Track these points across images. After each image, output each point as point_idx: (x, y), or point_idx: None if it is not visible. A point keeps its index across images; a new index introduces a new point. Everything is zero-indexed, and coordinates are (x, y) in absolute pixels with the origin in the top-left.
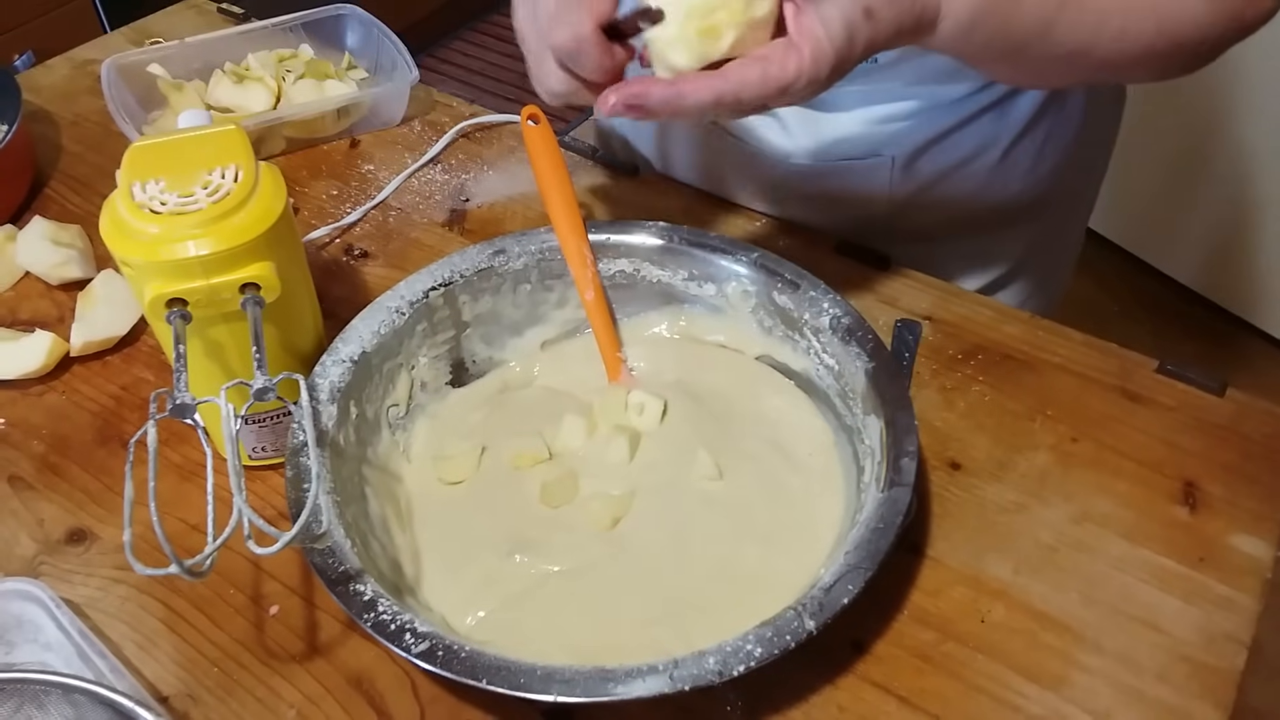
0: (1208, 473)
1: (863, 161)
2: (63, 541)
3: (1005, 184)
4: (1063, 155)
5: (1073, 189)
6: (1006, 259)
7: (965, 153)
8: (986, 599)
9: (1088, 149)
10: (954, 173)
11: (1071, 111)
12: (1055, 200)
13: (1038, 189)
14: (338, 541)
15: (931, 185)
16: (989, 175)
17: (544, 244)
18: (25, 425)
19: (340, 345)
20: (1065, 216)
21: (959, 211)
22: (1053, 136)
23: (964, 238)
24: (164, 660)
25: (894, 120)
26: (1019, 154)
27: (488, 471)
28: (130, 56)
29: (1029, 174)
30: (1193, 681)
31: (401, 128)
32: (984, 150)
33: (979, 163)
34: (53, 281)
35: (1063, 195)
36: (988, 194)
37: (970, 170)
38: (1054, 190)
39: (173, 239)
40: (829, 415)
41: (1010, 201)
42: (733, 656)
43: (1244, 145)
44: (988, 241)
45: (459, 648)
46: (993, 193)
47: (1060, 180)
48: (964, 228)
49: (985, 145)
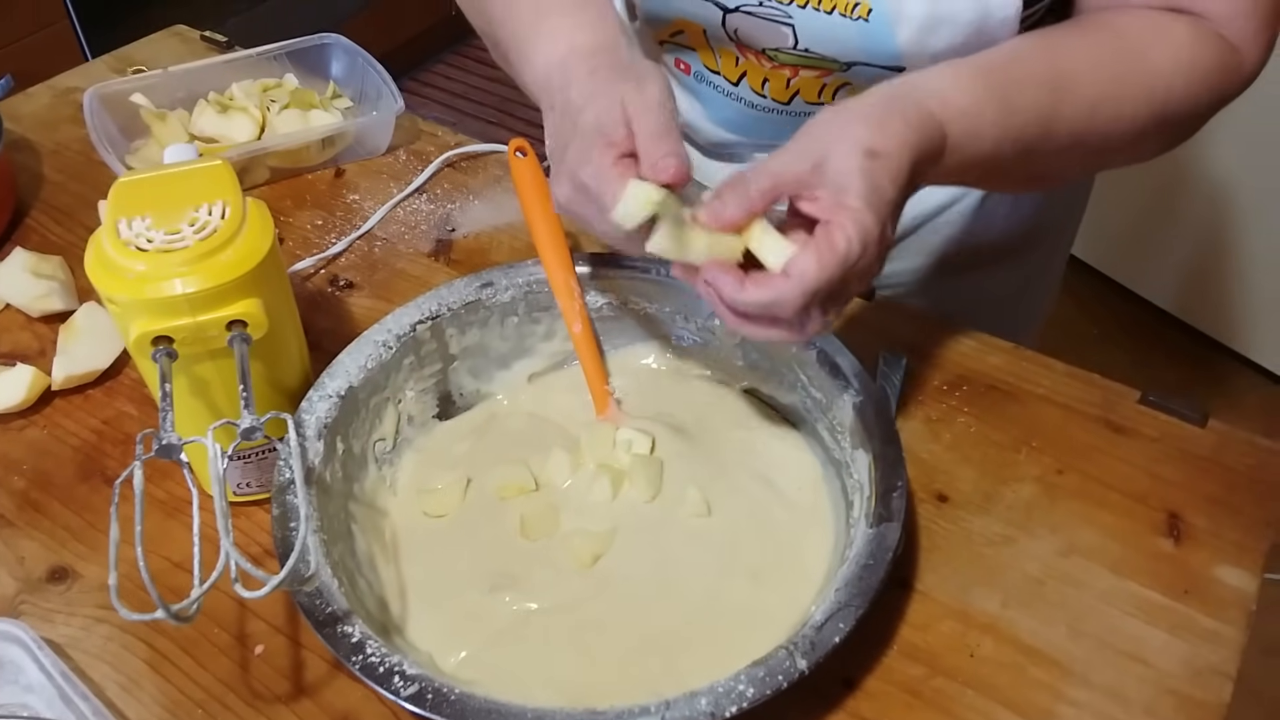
0: (1191, 504)
1: None
2: (44, 580)
3: (985, 228)
4: (1043, 197)
5: (1054, 228)
6: (987, 300)
7: (944, 199)
8: (975, 633)
9: (1067, 190)
10: (931, 219)
11: None
12: (1037, 241)
13: (1019, 230)
14: (325, 582)
15: (910, 230)
16: (968, 220)
17: (531, 277)
18: (5, 460)
19: (327, 380)
20: (1047, 256)
21: (937, 256)
22: None
23: (945, 280)
24: (148, 702)
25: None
26: (998, 199)
27: (472, 504)
28: (113, 85)
29: (1009, 217)
30: (1179, 715)
31: (386, 157)
32: (960, 196)
33: (958, 208)
34: (34, 314)
35: (1043, 235)
36: (967, 239)
37: (948, 216)
38: (1035, 231)
39: (159, 277)
40: (817, 449)
41: (990, 245)
42: (724, 697)
43: (1222, 170)
44: (968, 284)
45: (448, 690)
46: (973, 238)
47: (1041, 221)
48: (945, 272)
49: (964, 191)
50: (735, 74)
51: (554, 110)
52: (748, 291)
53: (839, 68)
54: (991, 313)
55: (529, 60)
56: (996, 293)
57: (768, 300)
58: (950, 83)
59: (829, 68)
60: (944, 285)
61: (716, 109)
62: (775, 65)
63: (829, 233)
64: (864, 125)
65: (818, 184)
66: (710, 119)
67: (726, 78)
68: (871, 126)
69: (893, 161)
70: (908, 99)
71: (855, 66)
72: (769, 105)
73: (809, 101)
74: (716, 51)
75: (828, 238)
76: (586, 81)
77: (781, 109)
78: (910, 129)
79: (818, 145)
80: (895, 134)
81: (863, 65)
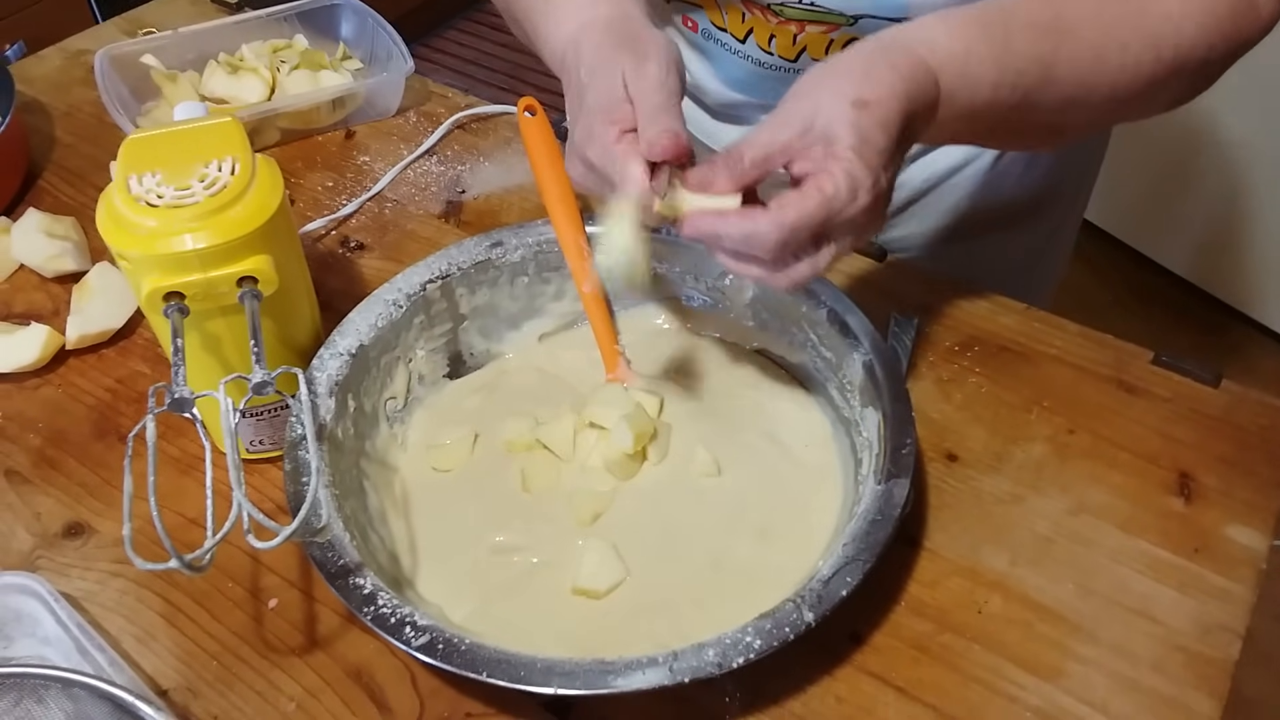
0: (1202, 464)
1: None
2: (60, 535)
3: (997, 191)
4: (1055, 159)
5: (1066, 192)
6: (1000, 264)
7: (954, 161)
8: (983, 590)
9: (1080, 151)
10: (944, 181)
11: None
12: (1049, 205)
13: (1032, 193)
14: (337, 535)
15: (922, 193)
16: (980, 183)
17: (541, 236)
18: (21, 419)
19: (338, 338)
20: (1060, 220)
21: (949, 220)
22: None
23: (956, 244)
24: (163, 654)
25: None
26: (1010, 160)
27: (479, 459)
28: (124, 47)
29: (1021, 180)
30: (1188, 671)
31: (397, 119)
32: (973, 158)
33: (969, 170)
34: (47, 274)
35: (1057, 199)
36: (980, 202)
37: (961, 178)
38: (1048, 194)
39: (170, 232)
40: (827, 408)
41: (1003, 208)
42: (732, 648)
43: (1238, 136)
44: (980, 248)
45: (459, 640)
46: (985, 201)
47: (1054, 184)
48: (956, 236)
49: (975, 153)
50: (742, 30)
51: (570, 89)
52: (729, 221)
53: (846, 21)
54: (1004, 277)
55: (544, 39)
56: (1009, 256)
57: (745, 231)
58: (941, 30)
59: (835, 21)
60: (956, 249)
61: (725, 68)
62: (781, 20)
63: (817, 178)
64: (849, 77)
65: (810, 144)
66: (719, 78)
67: (734, 34)
68: (857, 77)
69: (882, 109)
70: (896, 47)
71: (862, 20)
72: (776, 63)
73: (816, 59)
74: (723, 8)
75: (815, 181)
76: (592, 59)
77: (789, 67)
78: (899, 77)
79: (806, 105)
80: (883, 82)
81: (869, 18)
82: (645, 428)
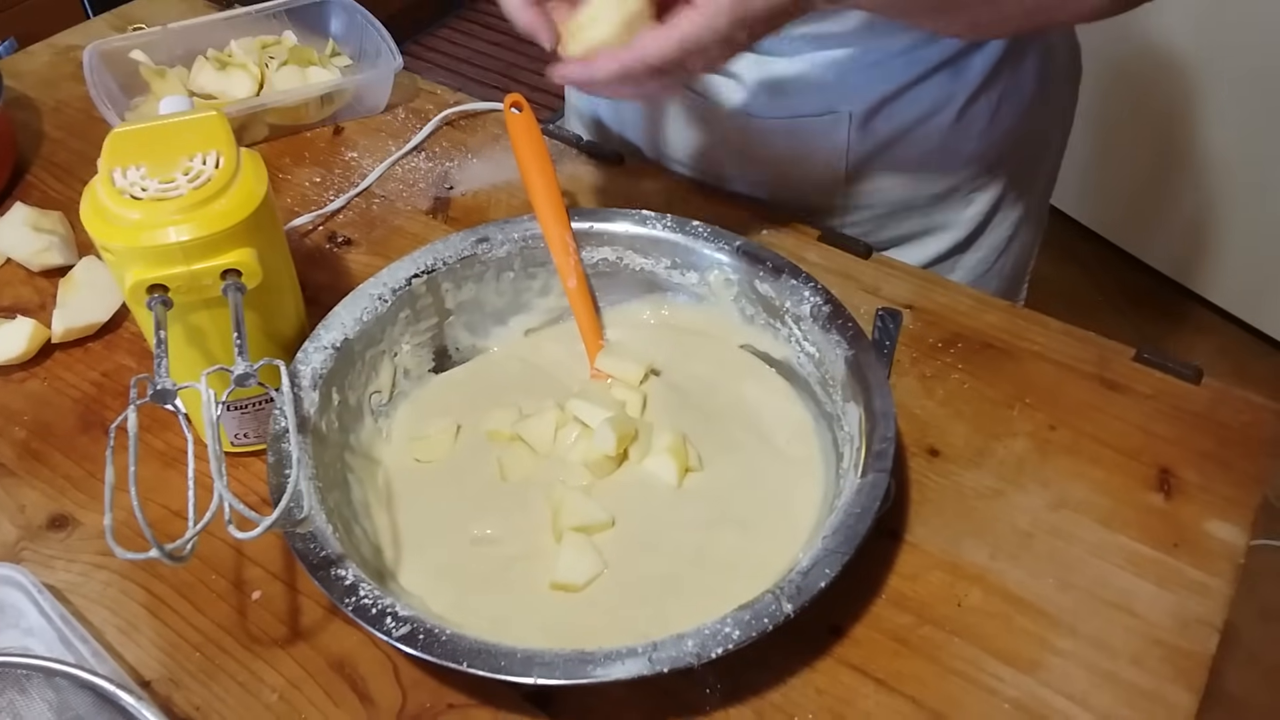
0: (1183, 459)
1: (820, 118)
2: (44, 527)
3: (961, 144)
4: (1017, 119)
5: (1027, 156)
6: (963, 229)
7: (922, 110)
8: (963, 584)
9: (1042, 121)
10: (911, 131)
11: (1025, 75)
12: (1010, 166)
13: (993, 151)
14: (319, 527)
15: (889, 144)
16: (945, 134)
17: (527, 232)
18: (7, 411)
19: (322, 332)
20: (1021, 188)
21: (917, 172)
22: (1007, 97)
23: (920, 205)
24: (146, 645)
25: (844, 68)
26: (975, 112)
27: (461, 450)
28: (113, 42)
29: (984, 134)
30: (1166, 665)
31: (385, 115)
32: (940, 108)
33: (935, 121)
34: (34, 268)
35: (1018, 163)
36: (944, 155)
37: (927, 129)
38: (1009, 155)
39: (154, 225)
40: (809, 402)
41: (966, 164)
42: (711, 639)
43: (1223, 136)
44: (944, 210)
45: (440, 631)
46: (949, 154)
47: (1015, 145)
48: (921, 190)
49: (941, 103)
50: None
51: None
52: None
53: None
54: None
55: None
56: (969, 223)
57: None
58: None
59: None
60: (915, 209)
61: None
62: None
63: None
64: None
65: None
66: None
67: None
68: None
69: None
70: None
71: None
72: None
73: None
74: None
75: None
76: None
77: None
78: None
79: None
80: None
81: None
82: (628, 430)
